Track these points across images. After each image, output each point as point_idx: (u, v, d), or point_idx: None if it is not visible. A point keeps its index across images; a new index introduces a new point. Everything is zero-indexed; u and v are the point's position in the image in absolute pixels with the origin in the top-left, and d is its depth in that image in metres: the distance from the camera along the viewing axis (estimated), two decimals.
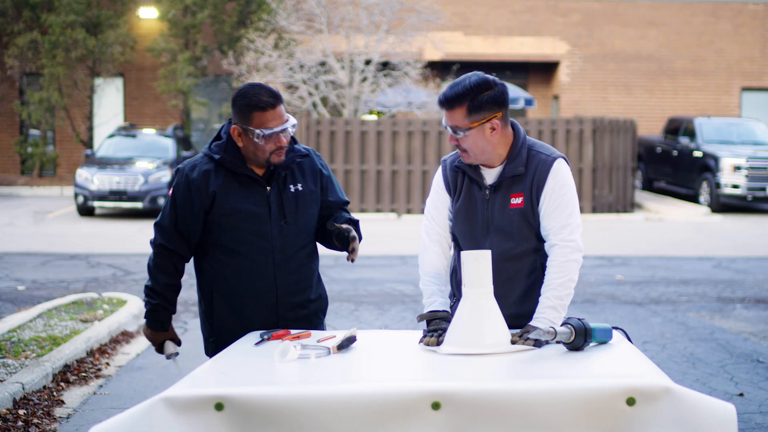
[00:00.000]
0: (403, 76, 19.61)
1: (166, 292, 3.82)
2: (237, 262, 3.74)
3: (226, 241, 3.74)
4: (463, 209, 3.59)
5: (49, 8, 22.58)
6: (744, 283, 11.06)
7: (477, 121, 3.42)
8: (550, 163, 3.50)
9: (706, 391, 6.33)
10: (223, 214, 3.70)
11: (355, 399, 2.79)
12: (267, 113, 3.61)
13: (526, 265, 3.55)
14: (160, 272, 3.80)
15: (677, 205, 20.06)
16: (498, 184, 3.53)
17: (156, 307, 3.83)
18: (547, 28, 25.38)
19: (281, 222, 3.73)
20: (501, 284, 3.44)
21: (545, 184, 3.48)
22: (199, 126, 25.62)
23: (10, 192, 22.74)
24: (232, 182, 3.72)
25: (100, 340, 7.69)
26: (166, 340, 3.93)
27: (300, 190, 3.77)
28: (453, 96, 3.41)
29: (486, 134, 3.44)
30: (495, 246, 3.50)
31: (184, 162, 3.83)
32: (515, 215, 3.51)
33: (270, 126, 3.61)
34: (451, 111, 3.44)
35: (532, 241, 3.53)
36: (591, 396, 2.79)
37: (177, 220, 3.75)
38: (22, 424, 5.54)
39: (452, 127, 3.45)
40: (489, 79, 3.44)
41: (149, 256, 3.86)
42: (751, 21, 25.77)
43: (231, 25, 22.72)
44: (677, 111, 25.11)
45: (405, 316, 8.89)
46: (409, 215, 18.52)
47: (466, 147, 3.47)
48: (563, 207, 3.47)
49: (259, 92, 3.63)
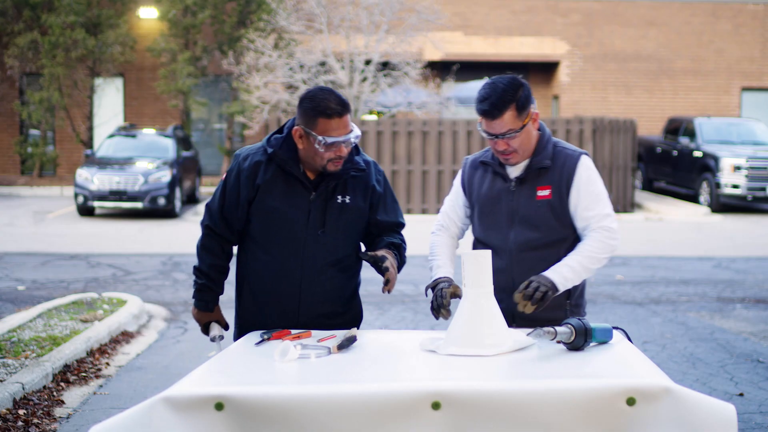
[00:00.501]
0: (403, 76, 19.60)
1: (212, 272, 3.81)
2: (268, 259, 3.71)
3: (261, 236, 3.71)
4: (488, 202, 3.72)
5: (49, 8, 22.58)
6: (744, 283, 11.06)
7: (526, 119, 3.59)
8: (577, 157, 3.68)
9: (706, 391, 6.33)
10: (262, 209, 3.67)
11: (355, 399, 2.79)
12: (332, 121, 3.51)
13: (548, 255, 3.65)
14: (207, 253, 3.81)
15: (677, 205, 20.06)
16: (524, 176, 3.67)
17: (202, 287, 3.83)
18: (547, 28, 25.38)
19: (318, 231, 3.65)
20: (522, 273, 3.60)
21: (574, 178, 3.64)
22: (199, 126, 25.62)
23: (10, 192, 22.74)
24: (278, 179, 3.66)
25: (100, 340, 7.69)
26: (212, 321, 3.92)
27: (347, 202, 3.67)
28: (499, 103, 3.54)
29: (532, 129, 3.64)
30: (519, 236, 3.65)
31: (243, 148, 3.79)
32: (543, 206, 3.65)
33: (333, 134, 3.52)
34: (500, 117, 3.56)
35: (558, 232, 3.66)
36: (591, 396, 2.79)
37: (224, 206, 3.74)
38: (22, 424, 5.54)
39: (504, 132, 3.56)
40: (516, 78, 3.61)
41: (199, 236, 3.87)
42: (751, 21, 25.77)
43: (231, 25, 22.72)
44: (677, 111, 25.11)
45: (405, 316, 8.89)
46: (409, 215, 18.49)
47: (517, 146, 3.61)
48: (598, 200, 3.65)
49: (327, 98, 3.53)
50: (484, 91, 3.59)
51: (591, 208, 3.64)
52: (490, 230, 3.72)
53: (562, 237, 3.67)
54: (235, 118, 23.11)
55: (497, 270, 3.60)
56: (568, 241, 3.68)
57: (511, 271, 3.66)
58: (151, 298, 9.89)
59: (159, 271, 11.73)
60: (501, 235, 3.68)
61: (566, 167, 3.66)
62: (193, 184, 20.17)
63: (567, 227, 3.67)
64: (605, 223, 3.62)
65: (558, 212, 3.65)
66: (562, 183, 3.65)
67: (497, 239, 3.69)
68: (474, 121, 18.92)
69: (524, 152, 3.65)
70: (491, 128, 3.58)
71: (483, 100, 3.57)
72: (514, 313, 3.60)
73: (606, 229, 3.62)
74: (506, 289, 3.61)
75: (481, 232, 3.78)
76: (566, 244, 3.67)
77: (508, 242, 3.68)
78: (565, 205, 3.65)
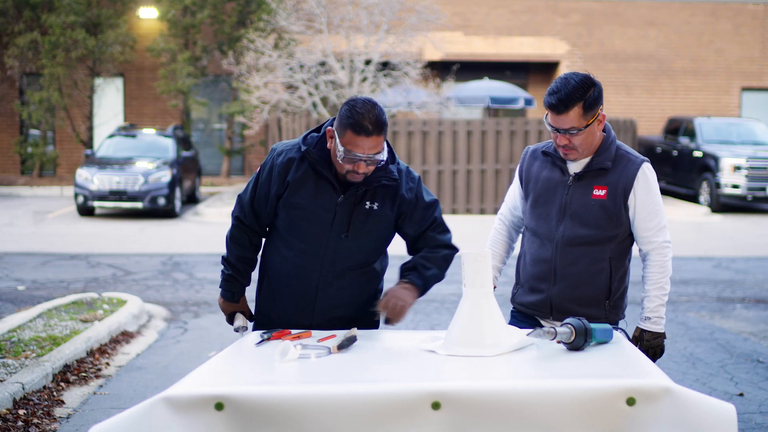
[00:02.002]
0: (403, 76, 19.60)
1: (239, 264, 3.84)
2: (290, 256, 3.71)
3: (286, 232, 3.72)
4: (543, 192, 3.77)
5: (49, 8, 22.58)
6: (744, 283, 11.05)
7: (591, 119, 3.61)
8: (639, 164, 3.71)
9: (706, 391, 6.33)
10: (289, 205, 3.66)
11: (355, 399, 2.79)
12: (359, 138, 3.46)
13: (593, 253, 3.69)
14: (235, 244, 3.83)
15: (677, 205, 20.05)
16: (583, 174, 3.71)
17: (228, 277, 3.86)
18: (547, 28, 25.38)
19: (342, 234, 3.64)
20: (564, 266, 3.68)
21: (633, 186, 3.68)
22: (199, 126, 25.62)
23: (10, 192, 22.74)
24: (309, 178, 3.65)
25: (100, 340, 7.69)
26: (237, 312, 3.93)
27: (375, 209, 3.65)
28: (567, 99, 3.57)
29: (596, 129, 3.66)
30: (568, 230, 3.69)
31: (280, 143, 3.79)
32: (596, 206, 3.68)
33: (355, 150, 3.47)
34: (566, 113, 3.59)
35: (606, 231, 3.69)
36: (591, 396, 2.79)
37: (255, 198, 3.76)
38: (22, 424, 5.54)
39: (567, 128, 3.60)
40: (590, 76, 3.63)
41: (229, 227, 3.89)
42: (751, 21, 25.77)
43: (231, 25, 22.72)
44: (677, 111, 25.11)
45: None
46: None
47: (577, 144, 3.64)
48: (656, 212, 3.72)
49: (364, 114, 3.46)
50: (555, 84, 3.62)
51: (649, 219, 3.70)
52: (540, 220, 3.76)
53: (610, 236, 3.70)
54: (235, 118, 23.11)
55: (541, 259, 3.73)
56: (614, 241, 3.71)
57: (554, 263, 3.71)
58: (151, 298, 9.89)
59: (159, 271, 11.73)
60: (550, 227, 3.72)
61: (626, 172, 3.68)
62: (193, 184, 20.17)
63: (616, 228, 3.70)
64: (661, 238, 3.72)
65: (610, 213, 3.67)
66: (619, 186, 3.67)
67: (546, 230, 3.73)
68: (474, 121, 18.92)
69: (584, 151, 3.68)
70: (555, 122, 3.62)
71: (552, 94, 3.60)
72: (552, 304, 3.70)
73: (663, 245, 3.73)
74: (546, 279, 3.72)
75: (531, 220, 3.81)
76: (612, 244, 3.70)
77: (556, 234, 3.71)
78: (619, 208, 3.67)
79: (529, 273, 3.81)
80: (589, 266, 3.67)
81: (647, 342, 3.68)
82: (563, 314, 3.62)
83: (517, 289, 3.89)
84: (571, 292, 3.68)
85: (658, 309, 3.71)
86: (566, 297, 3.67)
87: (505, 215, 4.04)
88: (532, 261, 3.79)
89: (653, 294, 3.72)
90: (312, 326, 3.70)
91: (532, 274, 3.79)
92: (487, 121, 18.90)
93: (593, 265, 3.68)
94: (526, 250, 3.85)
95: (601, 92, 3.64)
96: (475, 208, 18.63)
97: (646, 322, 3.71)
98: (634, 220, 3.71)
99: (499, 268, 4.00)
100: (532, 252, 3.80)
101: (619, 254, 3.73)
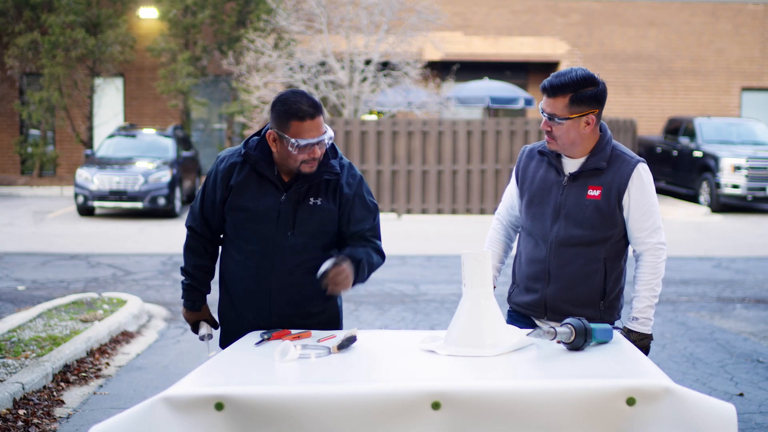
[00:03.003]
0: (403, 76, 19.59)
1: (197, 272, 3.90)
2: (241, 259, 3.76)
3: (234, 236, 3.77)
4: (538, 192, 3.76)
5: (49, 8, 22.57)
6: (744, 283, 11.05)
7: (575, 113, 3.58)
8: (634, 164, 3.68)
9: (706, 391, 6.33)
10: (234, 208, 3.72)
11: (355, 399, 2.79)
12: (305, 123, 3.54)
13: (587, 253, 3.68)
14: (191, 253, 3.89)
15: (677, 205, 20.05)
16: (578, 174, 3.69)
17: (187, 287, 3.93)
18: (547, 28, 25.38)
19: (288, 232, 3.68)
20: (558, 267, 3.67)
21: (628, 186, 3.65)
22: (199, 126, 25.61)
23: (10, 192, 22.74)
24: (251, 180, 3.71)
25: (100, 340, 7.69)
26: (201, 320, 3.98)
27: (318, 204, 3.70)
28: (558, 85, 3.56)
29: (580, 127, 3.61)
30: (562, 231, 3.68)
31: (225, 149, 3.85)
32: (590, 206, 3.66)
33: (306, 137, 3.54)
34: (553, 98, 3.58)
35: (601, 232, 3.67)
36: (591, 396, 2.79)
37: (203, 207, 3.81)
38: (22, 424, 5.54)
39: (550, 114, 3.59)
40: (594, 76, 3.60)
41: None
42: (751, 21, 25.77)
43: (231, 25, 22.71)
44: (677, 111, 25.11)
45: (405, 316, 8.89)
46: (408, 215, 18.51)
47: (557, 135, 3.62)
48: (650, 212, 3.69)
49: (299, 101, 3.56)
50: (561, 70, 3.63)
51: (643, 220, 3.67)
52: (535, 220, 3.75)
53: (605, 237, 3.68)
54: (234, 118, 23.11)
55: (535, 260, 3.72)
56: (609, 242, 3.69)
57: (548, 263, 3.71)
58: (151, 298, 9.89)
59: (159, 271, 11.73)
60: (544, 227, 3.71)
61: (621, 172, 3.66)
62: (193, 184, 20.17)
63: (611, 228, 3.68)
64: (655, 239, 3.69)
65: (605, 214, 3.65)
66: (614, 187, 3.65)
67: (540, 230, 3.73)
68: (474, 121, 18.93)
69: (564, 146, 3.65)
70: (543, 104, 3.62)
71: (550, 77, 3.61)
72: (546, 304, 3.70)
73: (656, 246, 3.70)
74: (541, 279, 3.72)
75: (527, 220, 3.81)
76: (607, 245, 3.69)
77: (550, 235, 3.71)
78: (613, 208, 3.65)
79: (524, 273, 3.82)
80: (584, 267, 3.67)
81: (633, 342, 3.66)
82: (558, 314, 3.63)
83: (513, 288, 3.90)
84: (566, 293, 3.68)
85: (646, 310, 3.71)
86: (560, 297, 3.67)
87: (502, 215, 4.04)
88: (527, 261, 3.79)
89: (643, 295, 3.72)
90: (271, 325, 3.74)
91: (527, 274, 3.79)
92: (487, 121, 18.90)
93: (588, 266, 3.67)
94: (521, 250, 3.86)
95: (599, 95, 3.59)
96: (475, 208, 18.63)
97: (634, 323, 3.70)
98: (629, 221, 3.69)
99: (498, 268, 4.00)
100: (527, 252, 3.80)
101: (614, 255, 3.72)
